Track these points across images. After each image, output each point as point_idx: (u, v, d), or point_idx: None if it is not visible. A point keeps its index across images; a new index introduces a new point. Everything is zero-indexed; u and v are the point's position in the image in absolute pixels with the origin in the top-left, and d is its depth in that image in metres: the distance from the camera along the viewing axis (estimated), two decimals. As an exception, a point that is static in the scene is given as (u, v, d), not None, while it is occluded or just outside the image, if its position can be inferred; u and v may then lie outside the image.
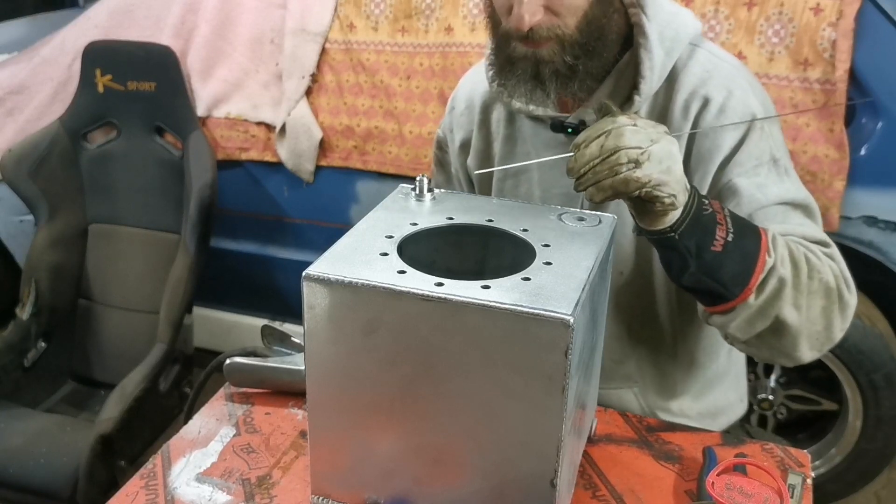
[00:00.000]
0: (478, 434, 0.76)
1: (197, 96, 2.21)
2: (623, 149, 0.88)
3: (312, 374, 0.81)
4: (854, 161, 1.68)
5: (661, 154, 0.89)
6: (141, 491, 0.93)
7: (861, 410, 1.90)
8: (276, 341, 1.15)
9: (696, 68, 1.08)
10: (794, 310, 0.98)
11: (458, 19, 1.96)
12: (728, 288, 0.96)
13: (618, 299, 1.17)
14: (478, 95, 1.24)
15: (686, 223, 0.93)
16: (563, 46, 1.01)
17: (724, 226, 0.95)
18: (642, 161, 0.88)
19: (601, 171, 0.89)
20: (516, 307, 0.69)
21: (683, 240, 0.94)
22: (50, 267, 2.11)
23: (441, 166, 1.37)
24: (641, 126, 0.90)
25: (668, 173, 0.89)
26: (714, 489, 0.82)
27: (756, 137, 1.06)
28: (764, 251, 0.96)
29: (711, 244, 0.94)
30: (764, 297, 0.96)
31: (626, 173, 0.88)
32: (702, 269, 0.95)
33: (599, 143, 0.89)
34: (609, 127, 0.89)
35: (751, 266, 0.96)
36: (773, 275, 0.96)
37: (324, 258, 0.78)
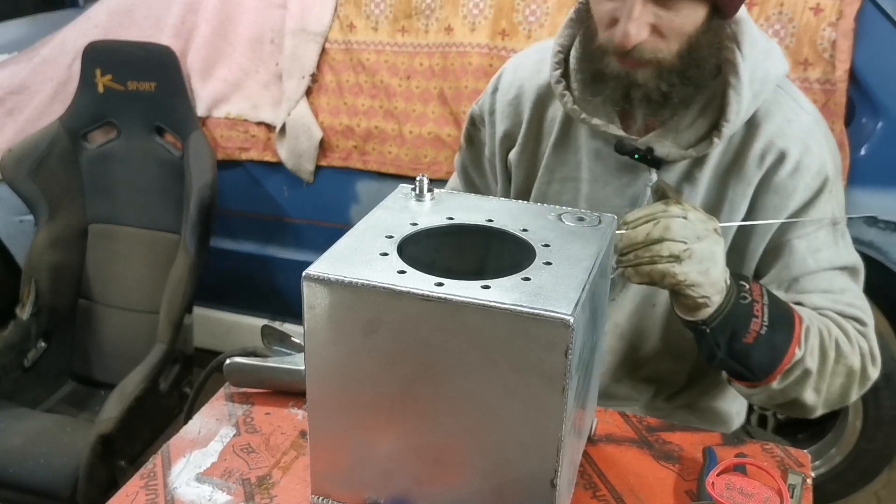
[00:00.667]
0: (478, 434, 0.76)
1: (197, 96, 2.21)
2: (667, 241, 0.89)
3: (312, 374, 0.81)
4: (854, 161, 1.68)
5: (702, 254, 0.90)
6: (141, 491, 0.93)
7: (861, 410, 1.90)
8: (276, 341, 1.15)
9: (778, 117, 1.04)
10: (814, 393, 1.01)
11: (458, 19, 1.96)
12: (753, 373, 1.00)
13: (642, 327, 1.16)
14: (532, 87, 1.17)
15: (719, 320, 0.95)
16: (660, 72, 0.97)
17: (759, 319, 0.96)
18: (683, 258, 0.89)
19: (642, 257, 0.91)
20: (516, 307, 0.69)
21: (714, 334, 0.96)
22: (50, 267, 2.11)
23: (471, 143, 1.30)
24: (692, 220, 0.90)
25: (705, 275, 0.90)
26: (714, 489, 0.82)
27: (824, 200, 1.05)
28: (794, 344, 0.98)
29: (744, 336, 0.96)
30: (787, 383, 1.00)
31: (664, 266, 0.90)
32: (730, 355, 0.98)
33: (646, 230, 0.90)
34: (659, 215, 0.90)
35: (779, 358, 0.98)
36: (800, 366, 0.99)
37: (324, 258, 0.78)
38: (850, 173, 1.69)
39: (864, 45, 1.64)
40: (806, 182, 1.03)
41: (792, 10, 1.67)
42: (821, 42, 1.65)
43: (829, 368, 1.01)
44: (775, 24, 1.69)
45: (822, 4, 1.65)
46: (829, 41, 1.64)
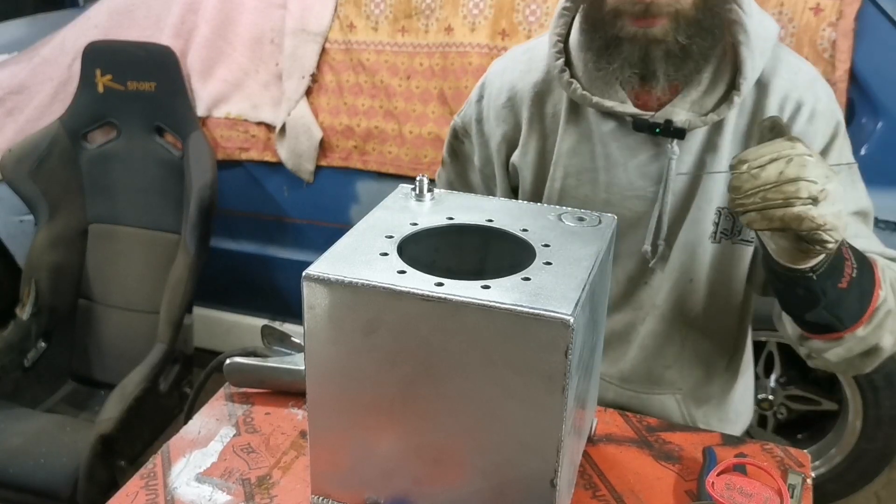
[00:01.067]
0: (478, 434, 0.76)
1: (197, 96, 2.22)
2: (804, 180, 0.80)
3: (312, 374, 0.81)
4: (854, 161, 1.69)
5: (835, 195, 0.83)
6: (141, 491, 0.93)
7: (861, 410, 1.90)
8: (276, 341, 1.15)
9: (785, 71, 1.05)
10: (891, 336, 0.98)
11: (458, 19, 1.96)
12: (843, 322, 0.96)
13: (681, 306, 1.14)
14: (526, 86, 1.14)
15: (826, 265, 0.90)
16: (677, 24, 0.95)
17: (850, 262, 0.92)
18: (820, 199, 0.81)
19: (774, 199, 0.82)
20: (516, 307, 0.69)
21: (820, 281, 0.90)
22: (50, 267, 2.11)
23: (455, 157, 1.28)
24: (817, 158, 0.83)
25: (839, 217, 0.83)
26: (714, 489, 0.82)
27: (841, 142, 1.05)
28: (878, 286, 0.95)
29: (840, 282, 0.92)
30: (871, 328, 0.96)
31: (801, 208, 0.81)
32: (826, 306, 0.93)
33: (779, 169, 0.81)
34: (790, 152, 0.82)
35: (867, 301, 0.95)
36: (884, 307, 0.96)
37: (324, 258, 0.78)
38: (850, 173, 1.69)
39: (864, 45, 1.64)
40: (822, 127, 1.04)
41: (792, 10, 1.67)
42: (821, 42, 1.65)
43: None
44: (775, 24, 1.69)
45: (822, 4, 1.65)
46: (829, 41, 1.64)
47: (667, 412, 1.19)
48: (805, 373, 2.06)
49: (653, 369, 1.18)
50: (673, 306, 1.14)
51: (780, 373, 2.06)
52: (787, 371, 2.06)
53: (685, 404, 1.20)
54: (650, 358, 1.17)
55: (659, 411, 1.19)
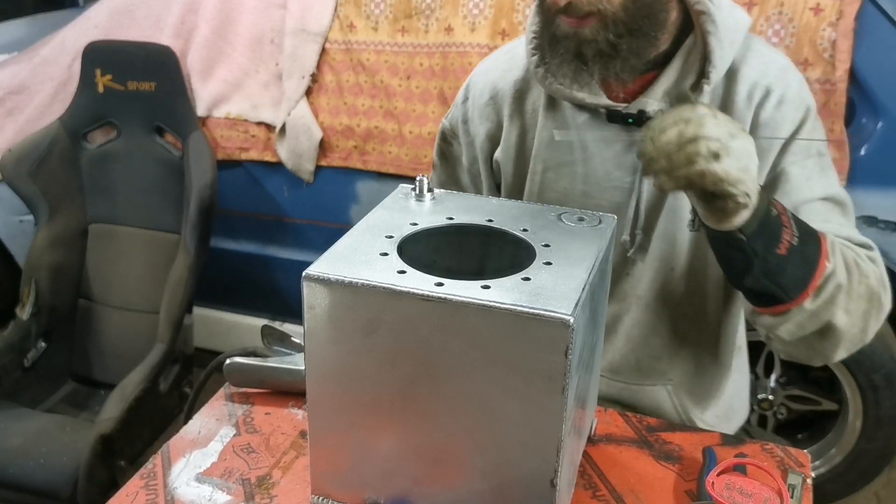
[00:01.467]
0: (478, 434, 0.76)
1: (197, 96, 2.21)
2: (703, 138, 0.84)
3: (312, 374, 0.81)
4: (854, 161, 1.68)
5: (740, 150, 0.85)
6: (141, 491, 0.93)
7: (861, 410, 1.90)
8: (276, 341, 1.15)
9: (755, 60, 1.07)
10: (845, 314, 0.98)
11: (458, 19, 1.96)
12: (787, 291, 0.96)
13: (666, 296, 1.15)
14: (507, 84, 1.18)
15: (755, 225, 0.91)
16: (605, 24, 0.97)
17: (790, 228, 0.93)
18: (722, 155, 0.84)
19: (677, 159, 0.85)
20: (516, 307, 0.69)
21: (751, 241, 0.92)
22: (50, 267, 2.11)
23: (445, 159, 1.31)
24: (722, 119, 0.86)
25: (745, 171, 0.86)
26: (714, 489, 0.82)
27: (809, 128, 1.06)
28: (824, 256, 0.95)
29: (777, 247, 0.93)
30: (819, 302, 0.96)
31: (704, 165, 0.84)
32: (764, 271, 0.94)
33: (679, 130, 0.85)
34: (689, 115, 0.85)
35: (811, 270, 0.95)
36: (832, 280, 0.96)
37: (324, 258, 0.78)
38: (850, 173, 1.69)
39: (864, 45, 1.64)
40: (791, 113, 1.06)
41: (792, 10, 1.67)
42: (821, 42, 1.65)
43: (855, 286, 0.98)
44: (775, 24, 1.69)
45: (822, 4, 1.65)
46: (829, 41, 1.64)
47: (658, 403, 1.20)
48: (805, 373, 2.06)
49: (641, 360, 1.19)
50: (656, 296, 1.15)
51: (780, 373, 2.06)
52: (787, 371, 2.06)
53: (676, 395, 1.21)
54: (637, 349, 1.18)
55: (650, 402, 1.19)
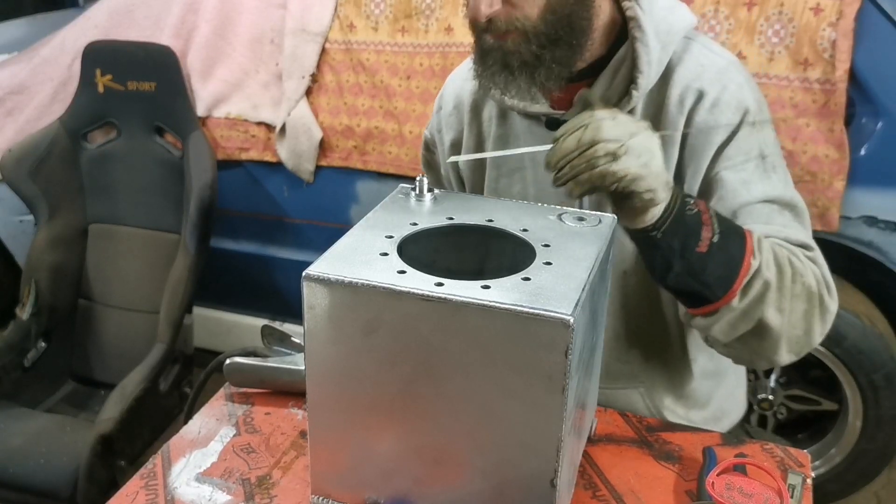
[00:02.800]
0: (478, 434, 0.76)
1: (197, 96, 2.21)
2: (601, 142, 0.86)
3: (312, 374, 0.81)
4: (854, 161, 1.68)
5: (639, 148, 0.88)
6: (141, 491, 0.93)
7: (861, 410, 1.90)
8: (276, 341, 1.15)
9: (691, 63, 1.07)
10: (777, 313, 0.97)
11: (458, 19, 1.96)
12: (712, 290, 0.96)
13: (623, 299, 1.16)
14: (466, 94, 1.22)
15: (669, 222, 0.93)
16: (527, 37, 0.99)
17: (710, 226, 0.94)
18: (620, 154, 0.86)
19: (578, 165, 0.87)
20: (516, 307, 0.69)
21: (667, 238, 0.93)
22: (50, 267, 2.11)
23: (430, 167, 1.35)
24: (621, 120, 0.89)
25: (645, 167, 0.88)
26: (714, 489, 0.82)
27: (746, 133, 1.05)
28: (749, 254, 0.95)
29: (696, 245, 0.94)
30: (748, 300, 0.96)
31: (602, 167, 0.86)
32: (686, 269, 0.95)
33: (577, 137, 0.87)
34: (587, 121, 0.88)
35: (735, 268, 0.95)
36: (758, 277, 0.96)
37: (324, 258, 0.78)
38: (850, 173, 1.69)
39: (864, 45, 1.64)
40: (726, 117, 1.05)
41: (792, 10, 1.67)
42: (821, 42, 1.65)
43: (788, 285, 0.98)
44: (775, 24, 1.69)
45: (822, 4, 1.65)
46: (829, 41, 1.64)
47: (632, 406, 1.21)
48: (805, 373, 2.06)
49: (609, 364, 1.19)
50: (613, 300, 1.16)
51: (780, 373, 2.06)
52: (787, 371, 2.06)
53: (650, 398, 1.22)
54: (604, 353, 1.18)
55: (624, 405, 1.20)
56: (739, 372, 1.32)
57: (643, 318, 1.19)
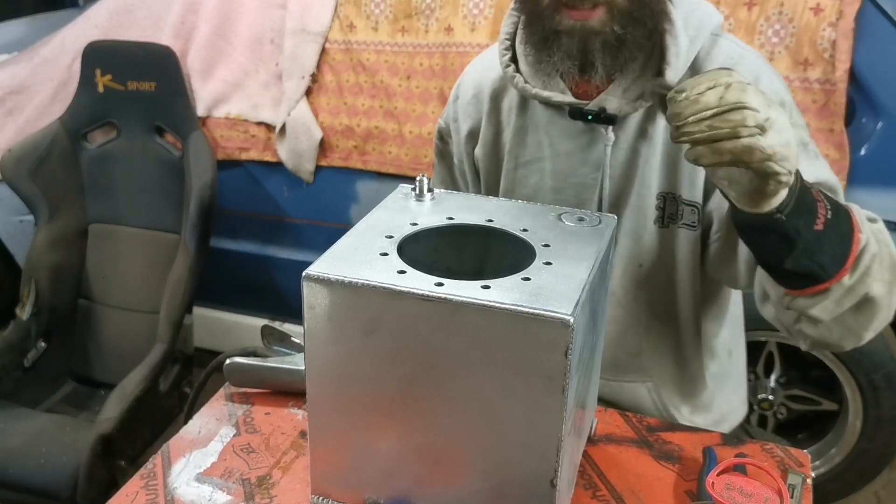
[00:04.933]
0: (478, 434, 0.76)
1: (197, 96, 2.21)
2: (748, 108, 0.76)
3: (312, 374, 0.81)
4: (854, 161, 1.68)
5: (781, 124, 0.79)
6: (141, 491, 0.93)
7: (861, 410, 1.90)
8: (276, 341, 1.15)
9: (721, 57, 1.06)
10: (881, 284, 0.93)
11: (458, 19, 1.96)
12: (826, 269, 0.90)
13: (636, 292, 1.16)
14: (487, 83, 1.21)
15: (793, 202, 0.85)
16: (612, 15, 0.98)
17: (823, 202, 0.88)
18: (767, 128, 0.77)
19: (720, 129, 0.77)
20: (516, 307, 0.69)
21: (792, 220, 0.85)
22: (50, 267, 2.11)
23: (442, 157, 1.33)
24: (755, 87, 0.80)
25: (787, 147, 0.79)
26: (714, 489, 0.82)
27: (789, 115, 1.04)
28: (857, 230, 0.91)
29: (815, 222, 0.87)
30: (857, 275, 0.92)
31: (749, 139, 0.77)
32: (805, 251, 0.88)
33: (718, 94, 0.77)
34: (727, 79, 0.78)
35: (848, 244, 0.90)
36: (867, 251, 0.91)
37: (324, 258, 0.78)
38: (850, 173, 1.69)
39: (864, 45, 1.64)
40: None
41: (792, 10, 1.67)
42: (821, 42, 1.65)
43: (885, 254, 0.94)
44: (775, 24, 1.69)
45: (822, 4, 1.65)
46: (829, 41, 1.64)
47: (638, 400, 1.20)
48: (805, 373, 2.06)
49: (618, 357, 1.19)
50: (626, 292, 1.16)
51: (780, 373, 2.06)
52: (787, 371, 2.06)
53: (656, 393, 1.21)
54: (613, 345, 1.19)
55: (630, 399, 1.20)
56: (739, 374, 1.32)
57: (656, 314, 1.18)
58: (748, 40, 1.70)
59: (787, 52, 1.68)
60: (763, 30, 1.70)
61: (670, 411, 1.22)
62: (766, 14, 1.69)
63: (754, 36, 1.70)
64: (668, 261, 1.13)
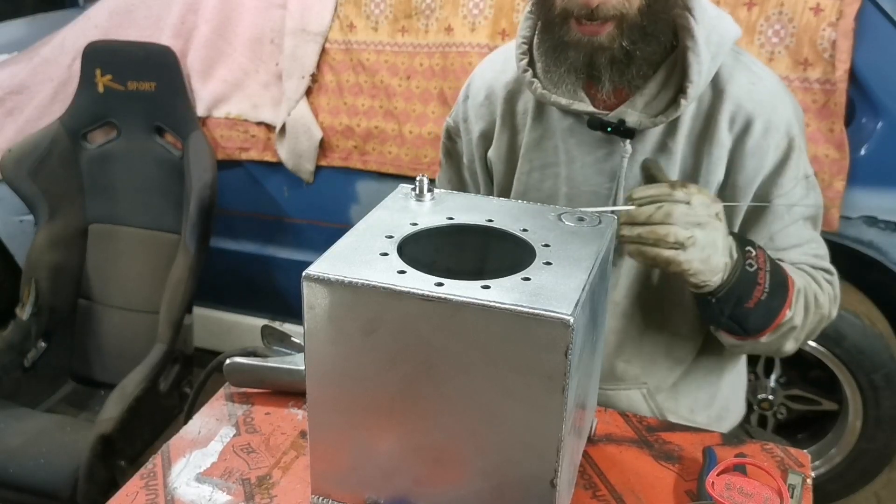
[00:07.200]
0: (478, 434, 0.76)
1: (197, 96, 2.21)
2: (672, 226, 0.93)
3: (312, 374, 0.81)
4: (854, 161, 1.68)
5: (704, 242, 0.94)
6: (141, 491, 0.93)
7: (861, 410, 1.90)
8: (276, 341, 1.15)
9: (742, 79, 1.07)
10: (793, 342, 1.11)
11: (458, 19, 1.96)
12: (747, 331, 1.06)
13: (641, 302, 1.16)
14: (500, 85, 1.20)
15: (723, 292, 1.01)
16: (622, 30, 0.98)
17: (762, 286, 1.01)
18: (687, 245, 0.93)
19: (647, 238, 0.94)
20: (516, 307, 0.69)
21: (720, 304, 1.02)
22: (50, 267, 2.11)
23: (450, 156, 1.32)
24: (695, 205, 0.94)
25: (706, 262, 0.95)
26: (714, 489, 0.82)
27: (796, 157, 1.07)
28: (787, 307, 1.04)
29: (747, 302, 1.02)
30: (774, 338, 1.07)
31: (669, 253, 0.94)
32: (732, 317, 1.04)
33: (649, 212, 0.94)
34: (664, 198, 0.94)
35: (772, 318, 1.05)
36: (788, 324, 1.06)
37: (324, 258, 0.78)
38: (850, 173, 1.69)
39: (864, 45, 1.64)
40: (777, 141, 1.07)
41: (792, 10, 1.67)
42: (821, 42, 1.65)
43: (809, 320, 1.09)
44: (775, 24, 1.69)
45: (822, 4, 1.65)
46: (829, 41, 1.64)
47: (634, 407, 1.21)
48: (805, 373, 2.06)
49: (614, 365, 1.20)
50: (632, 302, 1.17)
51: (780, 373, 2.06)
52: (787, 371, 2.06)
53: (652, 399, 1.22)
54: (610, 354, 1.19)
55: (626, 407, 1.20)
56: (740, 373, 1.32)
57: (659, 325, 1.18)
58: (748, 40, 1.70)
59: (787, 52, 1.68)
60: (763, 30, 1.70)
61: (665, 414, 1.22)
62: (766, 14, 1.69)
63: (754, 36, 1.70)
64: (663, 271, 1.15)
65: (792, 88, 1.68)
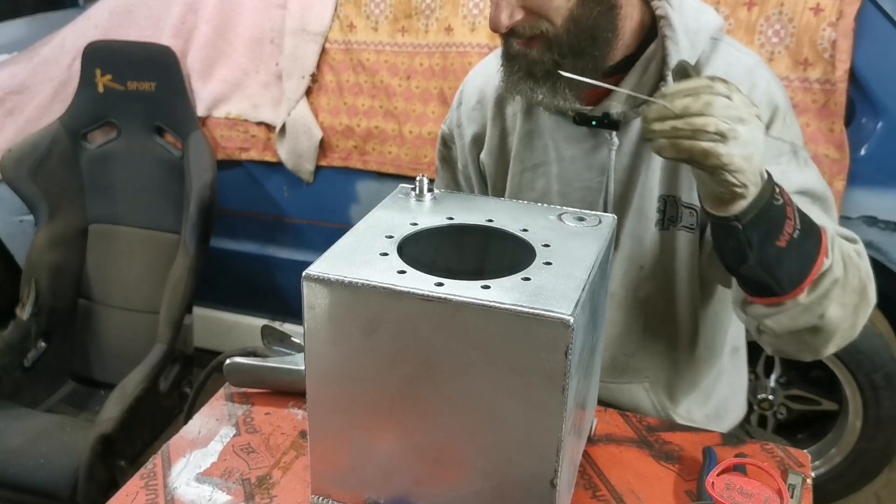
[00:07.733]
0: (478, 434, 0.76)
1: (197, 96, 2.21)
2: (713, 116, 0.82)
3: (312, 374, 0.81)
4: (854, 161, 1.68)
5: (747, 138, 0.83)
6: (141, 491, 0.93)
7: (861, 410, 1.90)
8: (276, 341, 1.15)
9: (719, 62, 1.07)
10: (839, 308, 0.96)
11: (458, 19, 1.96)
12: (782, 284, 0.93)
13: (636, 293, 1.16)
14: (490, 89, 1.22)
15: (753, 215, 0.89)
16: (550, 46, 0.99)
17: (793, 221, 0.91)
18: (729, 138, 0.82)
19: (682, 130, 0.83)
20: (516, 307, 0.69)
21: (747, 230, 0.89)
22: (50, 267, 2.11)
23: (445, 163, 1.34)
24: (736, 101, 0.84)
25: (748, 161, 0.84)
26: (714, 489, 0.82)
27: (779, 126, 1.05)
28: (823, 253, 0.93)
29: (777, 239, 0.90)
30: (814, 296, 0.94)
31: (708, 144, 0.82)
32: (761, 262, 0.92)
33: (685, 103, 0.83)
34: (703, 90, 0.83)
35: (809, 266, 0.93)
36: (829, 276, 0.94)
37: (324, 258, 0.78)
38: (850, 173, 1.69)
39: (864, 45, 1.64)
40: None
41: (792, 10, 1.67)
42: (821, 42, 1.65)
43: (850, 279, 0.97)
44: (775, 24, 1.69)
45: (822, 4, 1.65)
46: (829, 41, 1.64)
47: (636, 401, 1.21)
48: (805, 373, 2.06)
49: (616, 358, 1.20)
50: (627, 293, 1.17)
51: (780, 373, 2.06)
52: (787, 371, 2.06)
53: (654, 393, 1.22)
54: (612, 346, 1.19)
55: (628, 400, 1.20)
56: (740, 371, 1.32)
57: (656, 316, 1.18)
58: (748, 40, 1.70)
59: (787, 52, 1.68)
60: (763, 30, 1.70)
61: (668, 412, 1.22)
62: (766, 14, 1.69)
63: (754, 36, 1.70)
64: (668, 262, 1.14)
65: (792, 88, 1.68)
